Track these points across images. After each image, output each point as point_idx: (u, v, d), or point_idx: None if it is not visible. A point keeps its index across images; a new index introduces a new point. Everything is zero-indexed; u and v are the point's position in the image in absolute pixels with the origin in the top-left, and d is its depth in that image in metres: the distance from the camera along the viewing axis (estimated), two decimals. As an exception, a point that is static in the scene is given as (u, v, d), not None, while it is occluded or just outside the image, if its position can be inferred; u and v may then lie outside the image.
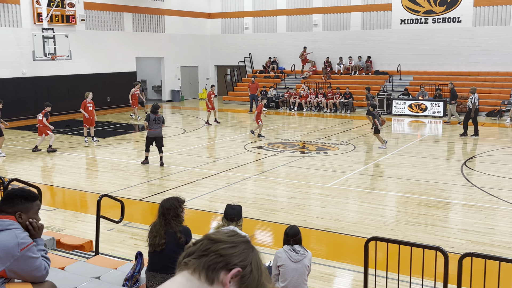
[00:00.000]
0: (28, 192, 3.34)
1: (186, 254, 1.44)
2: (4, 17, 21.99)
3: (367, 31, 28.34)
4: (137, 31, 28.42)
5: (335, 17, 29.16)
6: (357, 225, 8.99)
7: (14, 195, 3.26)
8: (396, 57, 27.42)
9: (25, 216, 3.24)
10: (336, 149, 16.13)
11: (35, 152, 15.82)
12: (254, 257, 1.46)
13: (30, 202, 3.29)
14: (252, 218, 9.25)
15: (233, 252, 1.42)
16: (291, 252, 5.33)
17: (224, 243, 1.43)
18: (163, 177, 12.63)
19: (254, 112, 25.25)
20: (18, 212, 3.22)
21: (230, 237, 1.47)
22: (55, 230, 8.61)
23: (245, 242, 1.49)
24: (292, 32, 30.51)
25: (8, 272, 3.08)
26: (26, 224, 3.24)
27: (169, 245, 4.85)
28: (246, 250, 1.45)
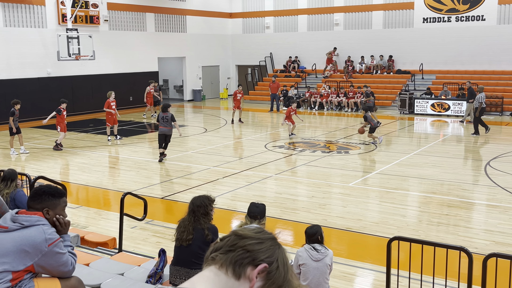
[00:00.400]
0: (55, 189, 3.41)
1: (213, 249, 1.46)
2: (29, 18, 22.37)
3: (389, 30, 28.10)
4: (159, 31, 28.64)
5: (356, 16, 28.98)
6: (378, 225, 8.93)
7: (42, 192, 3.33)
8: (418, 56, 27.14)
9: (52, 212, 3.31)
10: (357, 148, 16.03)
11: (59, 151, 16.09)
12: (280, 253, 1.47)
13: (57, 199, 3.35)
14: (273, 217, 9.26)
15: (260, 248, 1.43)
16: (312, 251, 5.32)
17: (251, 239, 1.45)
18: (184, 175, 12.71)
19: (276, 112, 25.23)
20: (45, 208, 3.28)
21: (256, 233, 1.48)
22: (79, 227, 8.74)
23: (272, 239, 1.50)
24: (313, 32, 30.41)
25: (36, 267, 3.15)
26: (53, 220, 3.30)
27: (196, 241, 4.91)
28: (272, 247, 1.47)
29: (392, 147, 16.72)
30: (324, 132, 19.53)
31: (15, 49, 21.76)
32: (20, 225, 3.14)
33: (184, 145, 17.16)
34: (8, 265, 3.05)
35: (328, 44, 29.67)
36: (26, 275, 3.12)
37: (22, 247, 3.08)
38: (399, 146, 16.48)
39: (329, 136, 18.43)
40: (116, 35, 26.07)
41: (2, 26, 21.37)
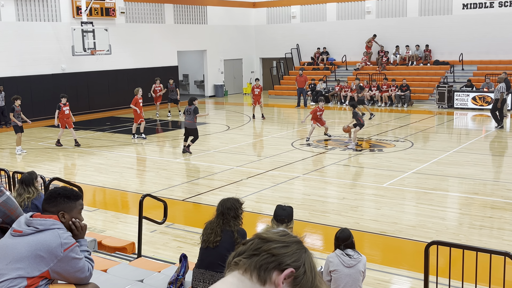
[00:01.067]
0: (71, 191, 3.45)
1: (236, 253, 1.46)
2: (43, 11, 22.76)
3: (426, 18, 27.75)
4: (178, 23, 28.83)
5: (390, 3, 28.69)
6: (415, 228, 8.84)
7: (56, 194, 3.37)
8: (458, 46, 26.72)
9: (68, 216, 3.35)
10: (392, 146, 15.89)
11: (77, 147, 16.54)
12: (307, 258, 1.47)
13: (73, 201, 3.40)
14: (301, 220, 9.24)
15: (285, 252, 1.43)
16: (343, 257, 5.30)
17: (276, 242, 1.45)
18: (206, 176, 12.78)
19: (303, 107, 25.17)
20: (61, 212, 3.33)
21: (282, 236, 1.48)
22: (96, 231, 8.87)
23: (298, 242, 1.50)
24: (343, 21, 30.22)
25: (52, 273, 3.20)
26: (69, 224, 3.35)
27: (224, 243, 4.98)
28: (299, 251, 1.46)
29: (430, 144, 16.52)
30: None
31: (28, 44, 22.17)
32: (35, 229, 3.19)
33: (205, 144, 17.25)
34: (22, 270, 3.11)
35: (359, 34, 29.45)
36: (41, 282, 3.17)
37: (37, 252, 3.13)
38: (438, 143, 16.27)
39: (361, 133, 18.30)
40: (133, 28, 26.34)
41: (15, 21, 21.79)
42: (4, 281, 3.09)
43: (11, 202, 3.52)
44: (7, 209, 3.47)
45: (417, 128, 19.08)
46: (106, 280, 4.86)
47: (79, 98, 24.13)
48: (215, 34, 30.90)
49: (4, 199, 3.48)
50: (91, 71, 24.55)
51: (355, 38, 29.62)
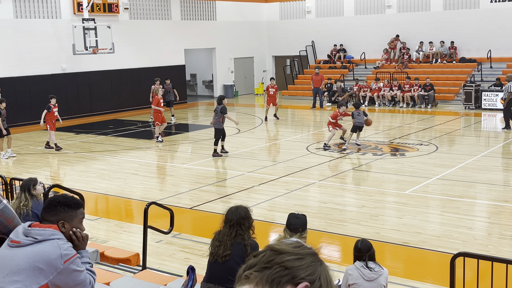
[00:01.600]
0: (72, 199, 3.47)
1: (247, 266, 1.46)
2: (42, 8, 22.96)
3: (451, 12, 27.62)
4: (185, 19, 28.96)
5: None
6: (440, 238, 8.78)
7: (56, 202, 3.39)
8: (485, 42, 26.55)
9: (69, 225, 3.37)
10: (414, 150, 15.82)
11: (48, 149, 17.10)
12: (323, 271, 1.47)
13: (74, 210, 3.41)
14: (317, 230, 9.22)
15: (299, 264, 1.43)
16: (364, 270, 5.28)
17: (290, 255, 1.45)
18: (215, 182, 12.80)
19: (319, 109, 25.12)
20: (61, 221, 3.35)
21: (295, 248, 1.48)
22: (99, 241, 8.91)
23: (313, 254, 1.50)
24: (362, 16, 30.17)
25: (51, 286, 3.21)
26: (69, 234, 3.37)
27: (234, 257, 4.92)
28: (314, 263, 1.46)
29: (455, 148, 16.42)
30: (375, 131, 19.33)
31: (26, 43, 22.36)
32: (33, 240, 3.21)
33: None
34: (20, 283, 3.12)
35: (379, 29, 29.37)
36: (40, 295, 3.18)
37: (36, 263, 3.15)
38: (464, 147, 16.18)
39: (381, 136, 18.24)
40: (137, 25, 26.49)
41: (13, 18, 22.01)
42: (1, 295, 3.11)
43: (8, 211, 3.54)
44: (4, 218, 3.50)
45: (442, 131, 18.97)
46: (109, 293, 4.87)
47: (80, 100, 24.30)
48: (225, 31, 30.98)
49: (1, 207, 3.50)
50: (93, 71, 24.71)
51: (375, 34, 29.54)
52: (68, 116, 23.66)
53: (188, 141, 18.78)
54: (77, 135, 20.08)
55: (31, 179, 6.74)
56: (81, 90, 24.31)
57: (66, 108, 23.78)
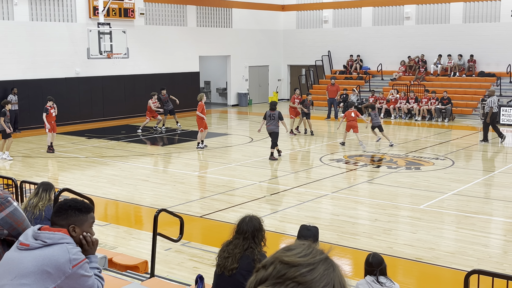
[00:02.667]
0: (82, 203, 3.50)
1: (257, 280, 1.44)
2: (58, 11, 23.20)
3: (470, 25, 27.53)
4: (201, 26, 29.11)
5: (431, 8, 28.56)
6: (455, 255, 8.72)
7: (67, 206, 3.42)
8: (505, 56, 26.42)
9: (79, 230, 3.39)
10: (430, 164, 15.74)
11: (49, 153, 17.35)
12: (336, 278, 1.45)
13: (85, 214, 3.44)
14: (329, 243, 9.18)
15: (313, 278, 1.41)
16: (375, 284, 5.25)
17: (302, 267, 1.42)
18: (226, 191, 12.81)
19: (334, 119, 25.07)
20: (71, 225, 3.37)
21: (306, 256, 1.45)
22: (107, 247, 8.94)
23: (324, 260, 1.47)
24: (379, 26, 30.16)
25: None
26: (79, 239, 3.39)
27: (241, 270, 4.80)
28: (327, 271, 1.44)
29: (472, 163, 16.31)
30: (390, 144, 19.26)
31: (41, 46, 22.59)
32: (42, 243, 3.23)
33: (226, 157, 17.30)
34: (28, 287, 3.15)
35: (397, 41, 29.34)
36: (47, 299, 3.21)
37: (44, 267, 3.17)
38: (481, 163, 16.07)
39: (396, 149, 18.17)
40: (153, 31, 26.67)
41: (28, 20, 22.26)
42: (8, 298, 3.13)
43: (18, 214, 3.57)
44: (14, 220, 3.53)
45: (459, 145, 18.86)
46: (116, 300, 4.89)
47: (93, 104, 24.48)
48: (240, 38, 31.09)
49: (11, 210, 3.53)
50: (106, 76, 24.89)
51: (392, 45, 29.51)
52: (81, 121, 23.84)
53: (200, 149, 18.81)
54: (89, 140, 20.20)
55: (51, 183, 6.88)
56: (94, 94, 24.47)
57: (78, 112, 23.97)
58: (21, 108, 21.70)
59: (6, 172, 14.46)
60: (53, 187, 6.83)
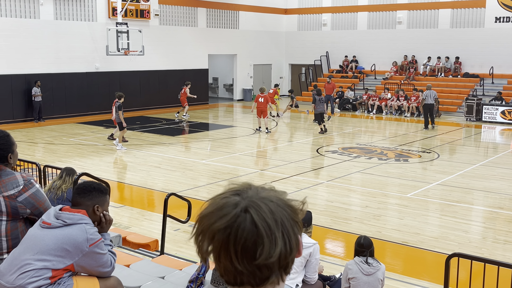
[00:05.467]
0: (103, 185, 3.55)
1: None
2: (80, 11, 23.16)
3: (457, 30, 27.39)
4: (210, 27, 29.02)
5: (421, 14, 28.41)
6: (438, 240, 8.72)
7: (92, 188, 3.45)
8: (488, 59, 26.30)
9: (101, 209, 3.44)
10: (417, 156, 15.71)
11: (109, 140, 17.41)
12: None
13: (105, 195, 3.49)
14: (323, 226, 9.20)
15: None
16: (363, 265, 5.26)
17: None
18: (231, 178, 12.82)
19: (330, 114, 25.06)
20: (96, 205, 3.41)
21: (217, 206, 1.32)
22: (122, 227, 8.97)
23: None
24: (374, 30, 30.03)
25: (76, 266, 3.26)
26: (100, 217, 3.43)
27: None
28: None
29: (456, 156, 16.29)
30: (381, 137, 19.24)
31: (64, 42, 22.58)
32: (63, 223, 3.26)
33: (232, 147, 17.31)
34: (48, 262, 3.17)
35: (389, 43, 29.22)
36: (65, 274, 3.23)
37: (63, 245, 3.19)
38: (464, 156, 16.04)
39: (386, 142, 18.15)
40: (166, 31, 26.61)
41: (53, 19, 22.23)
42: (29, 271, 3.15)
43: (40, 195, 3.60)
44: (36, 201, 3.55)
45: (444, 140, 18.83)
46: (129, 275, 4.91)
47: (111, 97, 24.42)
48: (246, 39, 31.01)
49: (33, 191, 3.55)
50: (123, 71, 24.87)
51: (385, 47, 29.41)
52: (99, 111, 23.85)
53: (207, 139, 18.82)
54: (107, 129, 20.21)
55: (73, 169, 6.91)
56: (112, 87, 24.44)
57: (97, 103, 23.97)
58: (45, 100, 21.71)
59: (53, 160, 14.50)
60: (75, 172, 6.85)
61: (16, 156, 3.72)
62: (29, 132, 19.41)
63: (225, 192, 1.33)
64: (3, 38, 20.67)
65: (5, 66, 20.78)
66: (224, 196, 1.32)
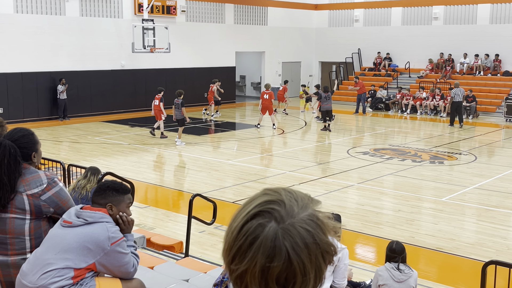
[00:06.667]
0: (120, 185, 3.57)
1: None
2: (106, 7, 23.48)
3: (497, 26, 26.88)
4: (238, 23, 29.10)
5: (459, 9, 27.97)
6: (474, 246, 8.58)
7: (106, 187, 3.50)
8: (531, 56, 25.74)
9: (116, 209, 3.47)
10: (453, 159, 15.48)
11: (152, 137, 18.16)
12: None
13: (121, 195, 3.51)
14: (353, 231, 9.14)
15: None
16: (394, 271, 5.21)
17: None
18: (258, 179, 12.84)
19: (362, 114, 24.86)
20: (109, 204, 3.45)
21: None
22: (146, 228, 9.06)
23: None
24: (408, 26, 29.69)
25: (98, 265, 3.30)
26: (116, 218, 3.46)
27: None
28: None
29: (494, 159, 15.99)
30: (416, 138, 19.01)
31: (90, 39, 22.90)
32: (84, 221, 3.31)
33: (259, 147, 17.33)
34: (70, 261, 3.22)
35: (424, 40, 28.85)
36: (87, 274, 3.28)
37: (85, 244, 3.25)
38: (503, 159, 15.74)
39: (421, 143, 17.93)
40: (193, 27, 26.77)
41: (78, 16, 22.58)
42: (52, 271, 3.21)
43: (64, 194, 3.66)
44: (59, 200, 3.61)
45: (482, 142, 18.51)
46: (152, 277, 4.95)
47: (136, 95, 24.74)
48: (275, 35, 30.99)
49: (57, 190, 3.62)
50: (149, 69, 25.11)
51: (420, 44, 29.04)
52: (124, 110, 24.14)
53: (234, 139, 18.88)
54: (132, 128, 20.46)
55: (98, 168, 7.04)
56: (137, 86, 24.73)
57: (122, 102, 24.27)
58: (70, 98, 22.06)
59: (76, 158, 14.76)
60: (100, 172, 6.96)
61: (40, 155, 3.79)
62: (54, 130, 19.76)
63: (256, 206, 1.29)
64: (29, 35, 21.08)
65: (30, 64, 21.19)
66: (255, 217, 1.27)
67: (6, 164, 3.47)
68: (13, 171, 3.49)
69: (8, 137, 3.64)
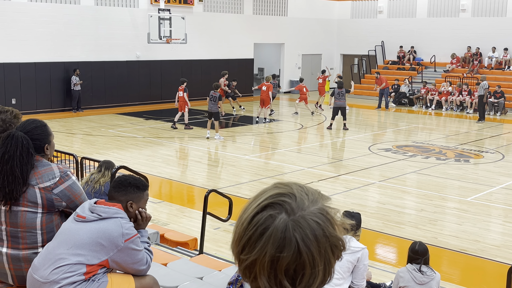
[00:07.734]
0: (140, 181, 3.60)
1: None
2: (121, -3, 23.58)
3: (528, 18, 26.50)
4: (257, 14, 29.06)
5: (487, 1, 27.61)
6: (500, 248, 8.50)
7: (127, 183, 3.52)
8: None
9: (136, 206, 3.50)
10: (480, 157, 15.32)
11: (173, 130, 18.39)
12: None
13: (142, 191, 3.54)
14: (373, 230, 9.11)
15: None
16: (415, 273, 5.18)
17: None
18: (275, 175, 12.84)
19: (384, 109, 24.71)
20: (129, 201, 3.47)
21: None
22: (160, 224, 9.12)
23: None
24: (434, 18, 29.40)
25: (111, 262, 3.33)
26: (135, 214, 3.49)
27: None
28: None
29: (523, 158, 15.81)
30: (440, 135, 18.85)
31: (104, 29, 23.02)
32: (98, 216, 3.33)
33: (277, 142, 17.32)
34: (82, 257, 3.25)
35: (451, 33, 28.55)
36: (100, 270, 3.31)
37: (98, 239, 3.27)
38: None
39: (446, 140, 17.77)
40: (210, 18, 26.79)
41: (93, 5, 22.70)
42: (64, 266, 3.24)
43: (76, 187, 3.69)
44: (72, 193, 3.64)
45: (510, 140, 18.29)
46: (166, 274, 4.98)
47: (151, 87, 24.85)
48: (295, 27, 30.90)
49: (70, 183, 3.65)
50: (165, 60, 25.19)
51: (447, 37, 28.75)
52: (139, 102, 24.27)
53: (251, 134, 18.90)
54: (147, 121, 20.57)
55: (112, 162, 7.08)
56: (153, 77, 24.83)
57: (137, 94, 24.40)
58: (84, 89, 22.21)
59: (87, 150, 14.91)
60: (114, 166, 7.01)
61: (53, 147, 3.83)
62: (67, 122, 19.95)
63: (267, 198, 1.34)
64: (42, 24, 21.25)
65: (43, 54, 21.37)
66: (266, 209, 1.32)
67: (18, 156, 3.50)
68: (26, 163, 3.53)
69: (21, 129, 3.67)
